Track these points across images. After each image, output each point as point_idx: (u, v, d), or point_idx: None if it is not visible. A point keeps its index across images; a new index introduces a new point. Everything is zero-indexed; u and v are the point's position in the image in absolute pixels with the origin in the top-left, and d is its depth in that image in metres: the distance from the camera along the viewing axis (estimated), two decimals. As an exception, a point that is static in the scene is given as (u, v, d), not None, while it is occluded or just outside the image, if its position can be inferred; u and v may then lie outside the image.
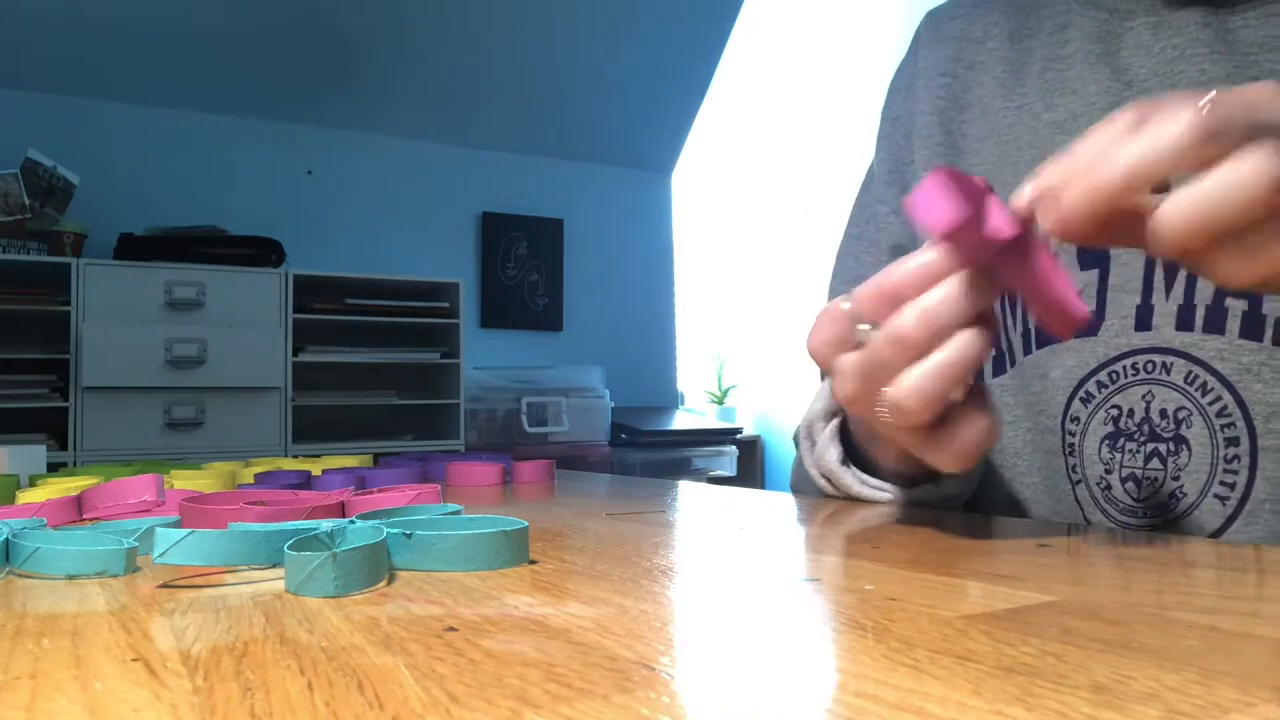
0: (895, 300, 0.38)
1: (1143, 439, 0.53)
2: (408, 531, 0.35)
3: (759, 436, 3.62)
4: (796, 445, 0.65)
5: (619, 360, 3.51)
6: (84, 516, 0.49)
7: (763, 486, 3.44)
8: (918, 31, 0.71)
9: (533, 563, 0.36)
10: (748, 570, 0.34)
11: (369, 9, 2.89)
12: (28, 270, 2.41)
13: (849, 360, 0.40)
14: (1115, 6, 0.58)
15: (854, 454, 0.59)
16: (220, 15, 2.76)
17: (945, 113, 0.65)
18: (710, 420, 3.53)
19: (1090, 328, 0.55)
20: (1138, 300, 0.53)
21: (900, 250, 0.65)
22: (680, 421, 3.38)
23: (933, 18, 0.70)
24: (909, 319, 0.37)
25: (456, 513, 0.42)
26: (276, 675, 0.21)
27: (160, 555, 0.32)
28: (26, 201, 2.37)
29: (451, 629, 0.26)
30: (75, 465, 2.08)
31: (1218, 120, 0.31)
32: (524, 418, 3.01)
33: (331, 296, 2.73)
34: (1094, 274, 0.55)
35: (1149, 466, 0.52)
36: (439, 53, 3.08)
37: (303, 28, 2.88)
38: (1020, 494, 0.60)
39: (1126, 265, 0.54)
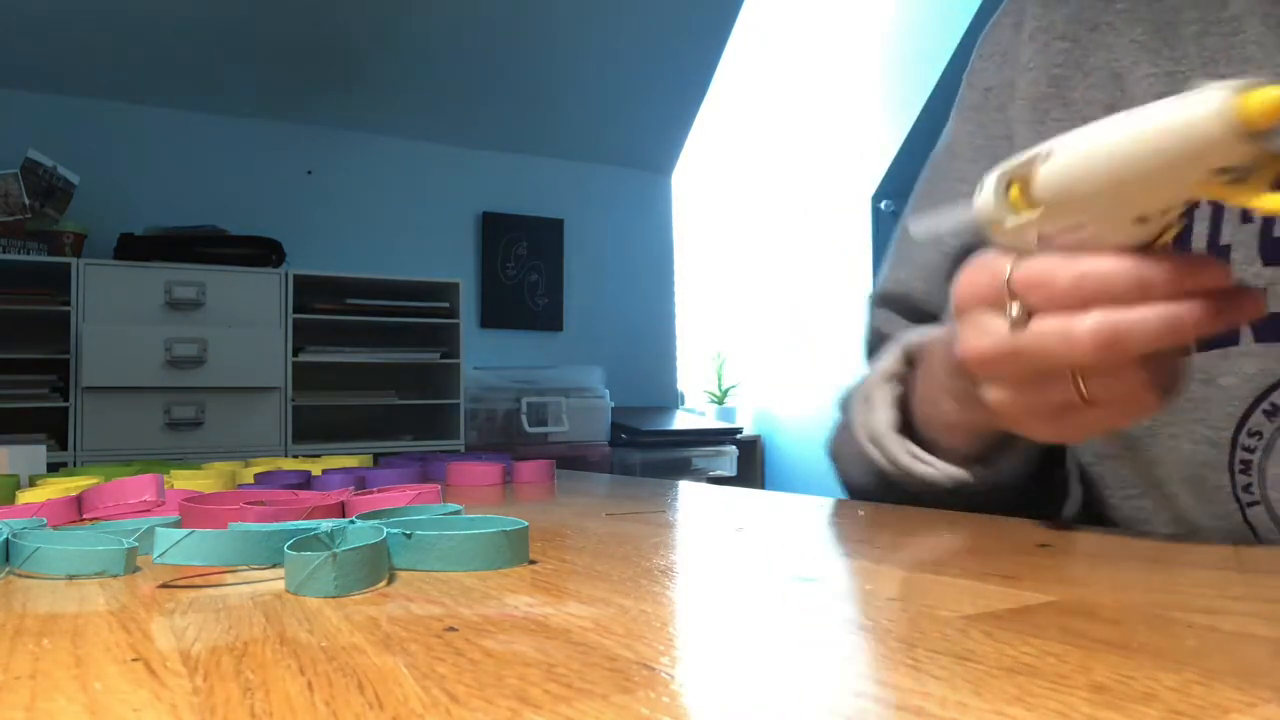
0: (1074, 298, 0.35)
1: None
2: (408, 531, 0.35)
3: (759, 436, 3.62)
4: (842, 410, 0.61)
5: (619, 360, 3.51)
6: (84, 516, 0.49)
7: (763, 486, 3.44)
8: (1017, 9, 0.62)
9: (533, 563, 0.36)
10: (748, 570, 0.34)
11: (369, 9, 2.89)
12: (28, 270, 2.41)
13: (996, 325, 0.38)
14: None
15: (908, 429, 0.55)
16: (220, 15, 2.76)
17: (1065, 81, 0.56)
18: (710, 420, 3.53)
19: (1276, 332, 0.47)
20: None
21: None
22: (680, 421, 3.38)
23: None
24: (1087, 335, 0.35)
25: (456, 513, 0.42)
26: (276, 675, 0.21)
27: (160, 555, 0.32)
28: (26, 201, 2.37)
29: (451, 629, 0.26)
30: (75, 465, 2.08)
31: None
32: (524, 418, 3.01)
33: (331, 296, 2.73)
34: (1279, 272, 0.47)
35: None
36: (439, 53, 3.08)
37: (303, 28, 2.88)
38: (1160, 509, 0.53)
39: None
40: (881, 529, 0.47)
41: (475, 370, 3.03)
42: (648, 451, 3.16)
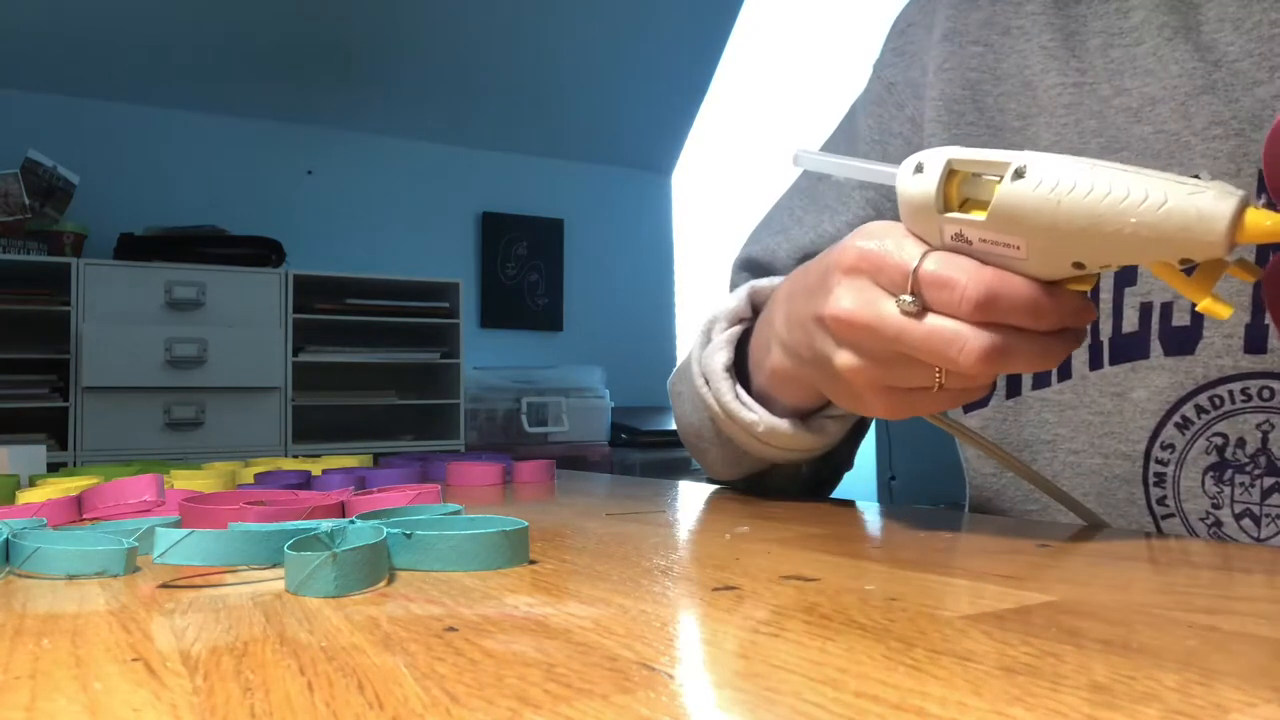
0: (979, 313, 0.36)
1: (1258, 472, 0.46)
2: (408, 531, 0.35)
3: (759, 436, 3.62)
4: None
5: (619, 360, 3.51)
6: (84, 516, 0.49)
7: (763, 486, 3.43)
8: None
9: (533, 563, 0.36)
10: (747, 570, 0.34)
11: (369, 9, 2.89)
12: (28, 270, 2.41)
13: (884, 302, 0.39)
14: None
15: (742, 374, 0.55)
16: (220, 16, 2.76)
17: (979, 86, 0.57)
18: (710, 420, 3.52)
19: (1186, 345, 0.48)
20: (1248, 319, 0.46)
21: (854, 226, 0.56)
22: (680, 421, 3.37)
23: None
24: (978, 351, 0.36)
25: (456, 513, 0.42)
26: (276, 675, 0.21)
27: (160, 555, 0.32)
28: (26, 201, 2.37)
29: (451, 629, 0.26)
30: (75, 465, 2.08)
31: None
32: (524, 418, 3.01)
33: (331, 296, 2.73)
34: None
35: (1268, 503, 0.46)
36: (439, 53, 3.08)
37: (303, 28, 2.88)
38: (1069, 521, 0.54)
39: (1232, 279, 0.46)
40: (881, 529, 0.47)
41: (475, 370, 3.03)
42: (648, 451, 3.16)
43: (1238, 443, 0.47)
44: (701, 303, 3.91)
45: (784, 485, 0.63)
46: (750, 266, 0.68)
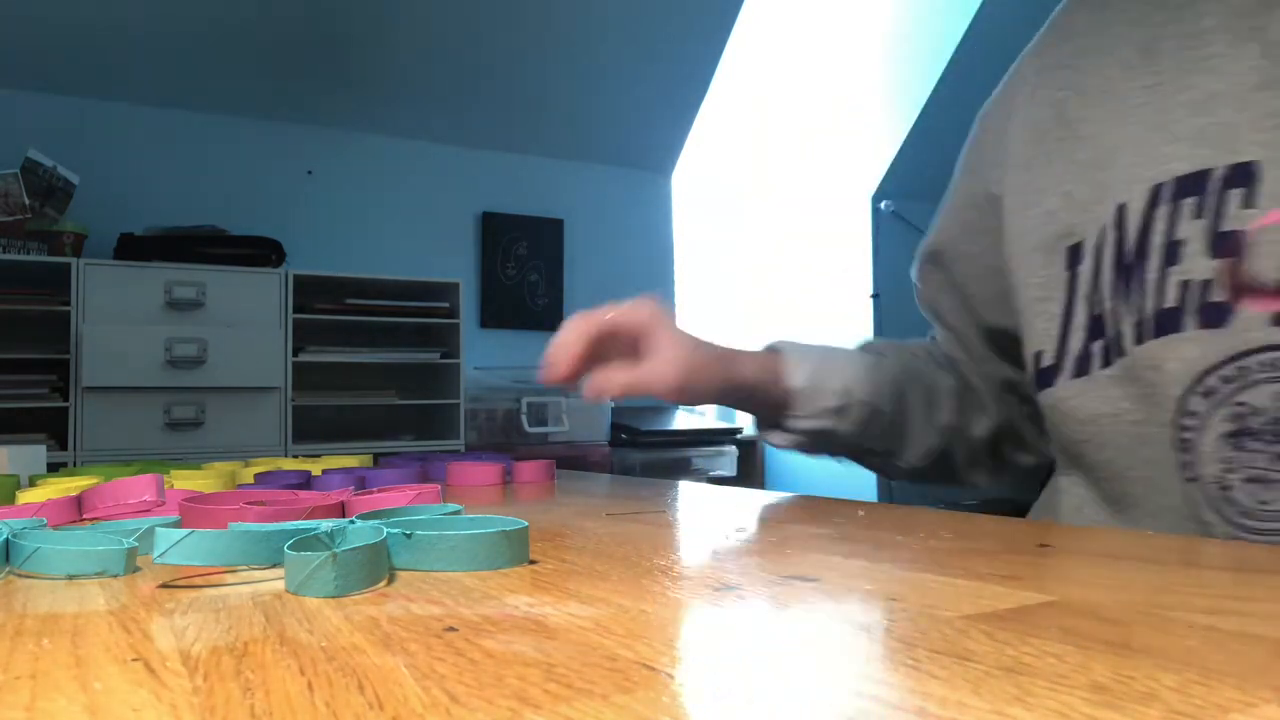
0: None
1: (1270, 439, 0.49)
2: (408, 531, 0.35)
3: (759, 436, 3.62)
4: None
5: (619, 360, 3.50)
6: (84, 516, 0.49)
7: (763, 487, 3.44)
8: (1019, 66, 0.69)
9: (533, 563, 0.36)
10: (747, 570, 0.34)
11: (369, 9, 2.89)
12: (28, 270, 2.41)
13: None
14: None
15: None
16: (220, 15, 2.76)
17: (1064, 104, 0.61)
18: (710, 420, 3.53)
19: (1218, 318, 0.50)
20: None
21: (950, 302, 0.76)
22: (680, 421, 3.38)
23: (1051, 29, 0.67)
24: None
25: (457, 513, 0.42)
26: (276, 675, 0.21)
27: (160, 555, 0.32)
28: (26, 201, 2.37)
29: (451, 629, 0.26)
30: (75, 465, 2.08)
31: None
32: (524, 418, 3.01)
33: (331, 296, 2.73)
34: (1226, 263, 0.50)
35: (1274, 468, 0.48)
36: (439, 53, 3.08)
37: (302, 27, 2.88)
38: (1124, 490, 0.57)
39: (1268, 255, 0.48)
40: (881, 529, 0.47)
41: (475, 370, 3.03)
42: (648, 451, 3.16)
43: (1256, 411, 0.49)
44: (702, 302, 3.91)
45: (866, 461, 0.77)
46: (931, 258, 0.77)
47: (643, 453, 3.15)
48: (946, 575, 0.32)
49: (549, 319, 3.54)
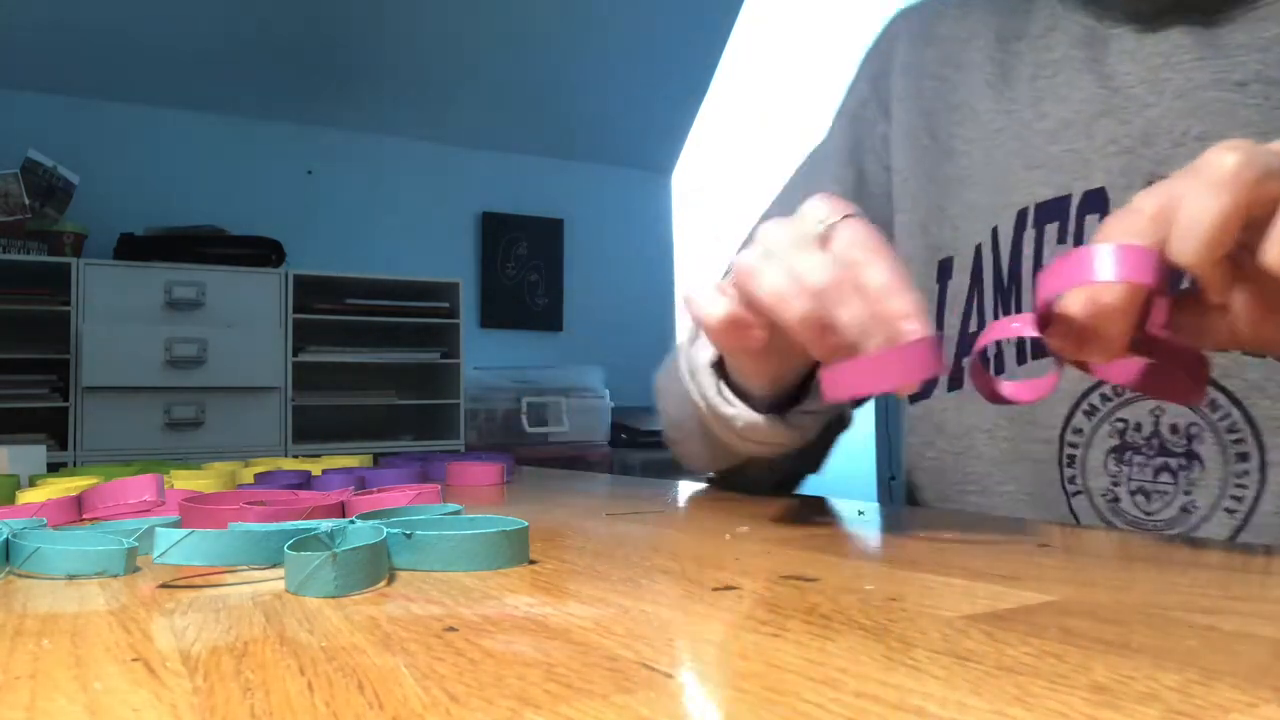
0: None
1: (1151, 453, 0.52)
2: (408, 531, 0.35)
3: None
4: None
5: (619, 360, 3.51)
6: (84, 516, 0.49)
7: (763, 486, 3.43)
8: (891, 26, 0.71)
9: (533, 563, 0.36)
10: (747, 570, 0.34)
11: (369, 9, 2.89)
12: (28, 270, 2.41)
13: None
14: (1100, 12, 0.58)
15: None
16: (220, 16, 2.76)
17: (934, 115, 0.65)
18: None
19: None
20: None
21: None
22: (680, 421, 3.37)
23: (911, 15, 0.69)
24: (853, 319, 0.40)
25: (456, 513, 0.42)
26: (276, 675, 0.21)
27: (160, 555, 0.32)
28: (26, 201, 2.37)
29: (451, 629, 0.26)
30: (75, 465, 2.08)
31: (1257, 166, 0.31)
32: (524, 418, 3.01)
33: (331, 296, 2.73)
34: None
35: (1158, 480, 0.52)
36: (439, 53, 3.08)
37: (303, 28, 2.88)
38: (995, 505, 0.59)
39: None
40: (882, 529, 0.47)
41: (475, 370, 3.03)
42: (648, 451, 3.16)
43: (1135, 427, 0.53)
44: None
45: (758, 477, 0.66)
46: None
47: (643, 453, 3.15)
48: (946, 575, 0.32)
49: (549, 319, 3.54)
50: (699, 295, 0.46)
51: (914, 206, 0.65)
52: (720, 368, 0.55)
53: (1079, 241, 0.54)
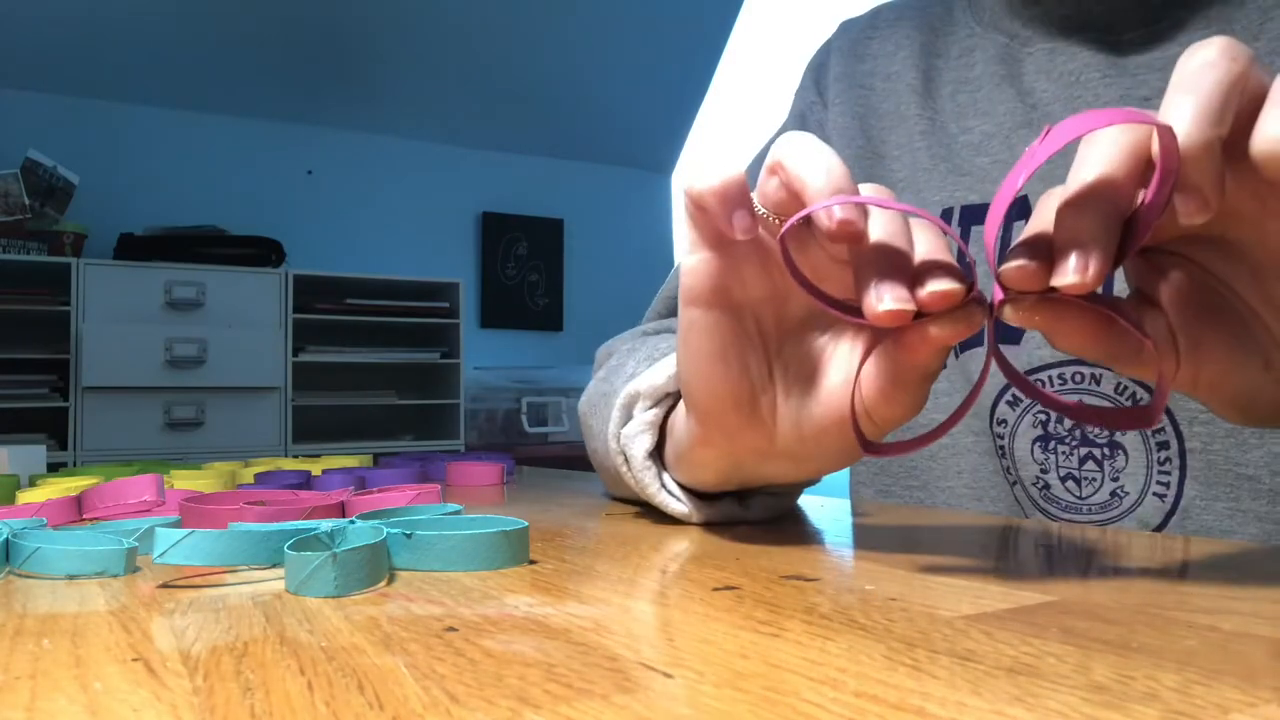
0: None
1: (1074, 443, 0.55)
2: (408, 531, 0.35)
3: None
4: (604, 365, 0.58)
5: (619, 360, 3.51)
6: (84, 516, 0.49)
7: (763, 486, 3.43)
8: (831, 40, 0.75)
9: (533, 563, 0.36)
10: (748, 570, 0.34)
11: (369, 9, 2.89)
12: (28, 270, 2.41)
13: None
14: (1015, 32, 0.61)
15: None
16: (220, 15, 2.76)
17: (865, 120, 0.68)
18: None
19: (1014, 335, 0.56)
20: None
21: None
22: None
23: (847, 29, 0.74)
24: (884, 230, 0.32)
25: (457, 513, 0.42)
26: (276, 675, 0.21)
27: (160, 555, 0.32)
28: (26, 201, 2.38)
29: (451, 629, 0.26)
30: (75, 465, 2.08)
31: (1242, 49, 0.28)
32: (524, 418, 3.01)
33: (331, 296, 2.73)
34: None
35: (1085, 468, 0.55)
36: (439, 53, 3.08)
37: (303, 28, 2.88)
38: (956, 490, 0.61)
39: None
40: (881, 529, 0.47)
41: (475, 370, 3.03)
42: (648, 451, 3.16)
43: (1058, 418, 0.55)
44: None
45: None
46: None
47: (643, 453, 3.15)
48: (946, 575, 0.32)
49: (549, 319, 3.54)
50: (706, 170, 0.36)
51: None
52: (659, 454, 0.47)
53: (1004, 247, 0.55)
